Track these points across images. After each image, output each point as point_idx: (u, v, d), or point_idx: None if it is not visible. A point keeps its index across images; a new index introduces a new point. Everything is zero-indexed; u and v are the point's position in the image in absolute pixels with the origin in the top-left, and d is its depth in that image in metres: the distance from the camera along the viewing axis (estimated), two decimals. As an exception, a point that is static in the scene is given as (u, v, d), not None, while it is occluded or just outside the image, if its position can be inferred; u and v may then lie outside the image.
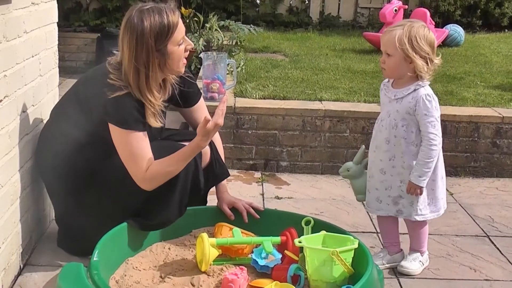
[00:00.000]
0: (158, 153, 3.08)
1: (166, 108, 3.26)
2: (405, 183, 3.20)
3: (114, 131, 3.04)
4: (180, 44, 3.09)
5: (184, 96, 3.32)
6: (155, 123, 3.10)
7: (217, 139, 3.50)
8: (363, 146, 3.43)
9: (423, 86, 3.14)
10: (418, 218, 3.29)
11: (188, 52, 3.16)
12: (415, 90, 3.14)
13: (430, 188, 3.26)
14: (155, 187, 3.09)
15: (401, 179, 3.23)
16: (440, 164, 3.28)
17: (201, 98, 3.49)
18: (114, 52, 3.34)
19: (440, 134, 3.17)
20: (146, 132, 3.07)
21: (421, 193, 3.20)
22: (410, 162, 3.17)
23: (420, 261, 3.39)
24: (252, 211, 3.40)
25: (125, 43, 3.03)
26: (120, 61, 3.09)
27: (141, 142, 3.04)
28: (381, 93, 3.32)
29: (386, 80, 3.30)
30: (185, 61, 3.15)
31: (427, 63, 3.10)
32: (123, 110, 3.01)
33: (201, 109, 3.48)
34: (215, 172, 3.41)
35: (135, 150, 3.03)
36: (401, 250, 3.46)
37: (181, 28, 3.08)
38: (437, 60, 3.14)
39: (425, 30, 3.13)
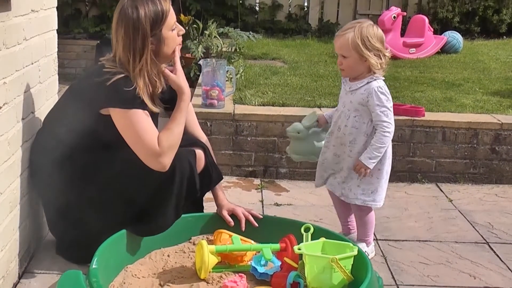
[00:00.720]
0: None
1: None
2: (350, 169, 3.39)
3: (117, 115, 3.05)
4: (173, 29, 3.18)
5: (172, 98, 3.32)
6: (153, 107, 3.13)
7: (207, 143, 3.53)
8: (315, 111, 3.67)
9: (375, 79, 3.33)
10: (358, 202, 3.44)
11: (181, 37, 3.26)
12: (368, 83, 3.33)
13: (376, 176, 3.40)
14: (170, 161, 3.09)
15: (348, 166, 3.40)
16: (388, 161, 3.43)
17: (190, 106, 3.50)
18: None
19: (393, 123, 3.34)
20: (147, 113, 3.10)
21: (365, 175, 3.35)
22: (358, 150, 3.35)
23: (365, 251, 3.43)
24: (251, 219, 3.40)
25: (119, 33, 3.08)
26: (113, 55, 3.15)
27: (146, 119, 3.07)
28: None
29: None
30: (180, 45, 3.26)
31: (380, 59, 3.30)
32: (122, 91, 3.03)
33: (190, 115, 3.51)
34: (212, 176, 3.41)
35: (142, 127, 3.04)
36: (352, 233, 3.66)
37: (172, 14, 3.17)
38: (387, 53, 3.34)
39: (374, 29, 3.34)
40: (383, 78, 3.38)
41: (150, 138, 3.05)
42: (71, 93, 3.26)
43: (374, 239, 3.67)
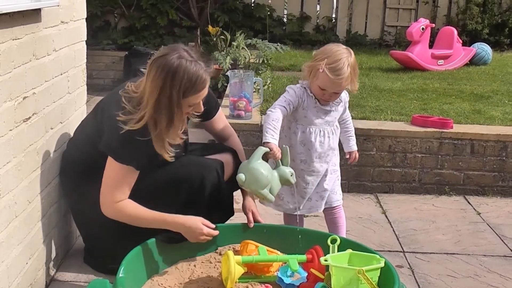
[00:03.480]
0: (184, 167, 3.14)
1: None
2: (331, 173, 3.50)
3: (110, 161, 3.02)
4: (192, 106, 3.01)
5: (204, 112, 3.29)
6: (167, 154, 3.05)
7: (238, 146, 3.54)
8: (259, 147, 3.25)
9: (345, 96, 3.48)
10: (340, 203, 3.58)
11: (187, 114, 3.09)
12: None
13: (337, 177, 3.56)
14: (112, 218, 3.08)
15: (329, 171, 3.49)
16: None
17: (219, 110, 3.51)
18: (142, 70, 3.34)
19: None
20: (139, 172, 3.06)
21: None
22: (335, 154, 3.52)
23: None
24: (250, 217, 3.39)
25: (150, 77, 2.92)
26: (138, 93, 3.02)
27: (131, 178, 3.04)
28: (306, 102, 3.38)
29: (303, 89, 3.41)
30: (184, 128, 3.12)
31: (355, 83, 3.34)
32: (128, 146, 2.97)
33: (219, 119, 3.51)
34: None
35: (120, 182, 3.02)
36: None
37: (204, 93, 3.01)
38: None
39: (353, 57, 3.30)
40: None
41: (118, 192, 3.01)
42: (95, 113, 3.23)
43: (401, 251, 3.65)
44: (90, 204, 3.20)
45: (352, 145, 3.62)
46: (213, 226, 3.15)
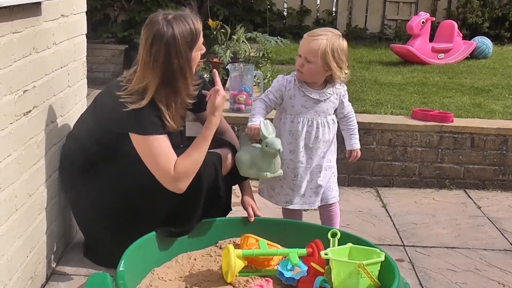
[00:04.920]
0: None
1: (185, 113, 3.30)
2: (326, 169, 3.45)
3: (135, 139, 3.06)
4: (201, 49, 3.17)
5: (196, 102, 3.32)
6: (174, 126, 3.12)
7: (235, 140, 3.55)
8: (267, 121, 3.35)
9: (339, 88, 3.43)
10: (336, 200, 3.53)
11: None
12: (334, 90, 3.41)
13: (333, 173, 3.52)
14: (186, 185, 3.09)
15: (324, 167, 3.45)
16: None
17: None
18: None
19: None
20: (167, 135, 3.10)
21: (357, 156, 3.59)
22: (331, 149, 3.47)
23: None
24: (250, 212, 3.41)
25: (152, 51, 3.04)
26: (132, 74, 3.12)
27: (163, 144, 3.06)
28: (292, 91, 3.38)
29: (291, 79, 3.40)
30: (199, 63, 3.22)
31: (341, 72, 3.33)
32: (140, 118, 3.03)
33: None
34: (238, 176, 3.40)
35: (158, 152, 3.05)
36: None
37: (202, 39, 3.16)
38: (347, 70, 3.38)
39: (343, 42, 3.35)
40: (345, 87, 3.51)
41: (166, 162, 3.05)
42: (95, 106, 3.26)
43: (401, 245, 3.65)
44: (89, 200, 3.21)
45: (354, 144, 3.55)
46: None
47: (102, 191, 3.17)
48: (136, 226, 3.14)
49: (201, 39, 3.14)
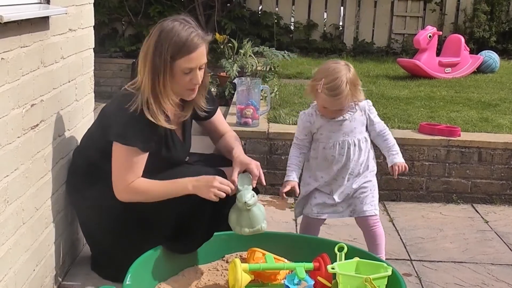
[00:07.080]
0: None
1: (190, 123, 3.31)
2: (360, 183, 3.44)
3: (116, 147, 3.05)
4: (187, 73, 3.06)
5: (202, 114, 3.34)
6: (165, 123, 3.07)
7: (236, 139, 3.52)
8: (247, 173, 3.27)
9: (362, 102, 3.42)
10: (371, 213, 3.45)
11: (194, 86, 3.12)
12: (356, 104, 3.40)
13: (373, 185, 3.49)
14: (130, 201, 3.08)
15: (357, 182, 3.44)
16: None
17: (218, 111, 3.51)
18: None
19: None
20: (147, 155, 3.08)
21: (405, 169, 3.48)
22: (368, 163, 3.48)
23: None
24: (262, 178, 3.32)
25: (147, 41, 3.10)
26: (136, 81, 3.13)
27: (139, 159, 3.06)
28: (317, 123, 3.40)
29: (312, 111, 3.43)
30: (192, 93, 3.15)
31: (359, 91, 3.35)
32: (130, 128, 3.02)
33: (217, 120, 3.51)
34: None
35: (130, 164, 3.04)
36: None
37: (198, 58, 3.06)
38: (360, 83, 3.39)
39: (351, 69, 3.36)
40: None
41: (129, 174, 3.04)
42: (100, 119, 3.26)
43: (408, 259, 3.64)
44: (96, 214, 3.21)
45: (394, 158, 3.46)
46: (227, 182, 3.06)
47: (109, 205, 3.17)
48: (144, 240, 3.14)
49: (192, 59, 3.04)
